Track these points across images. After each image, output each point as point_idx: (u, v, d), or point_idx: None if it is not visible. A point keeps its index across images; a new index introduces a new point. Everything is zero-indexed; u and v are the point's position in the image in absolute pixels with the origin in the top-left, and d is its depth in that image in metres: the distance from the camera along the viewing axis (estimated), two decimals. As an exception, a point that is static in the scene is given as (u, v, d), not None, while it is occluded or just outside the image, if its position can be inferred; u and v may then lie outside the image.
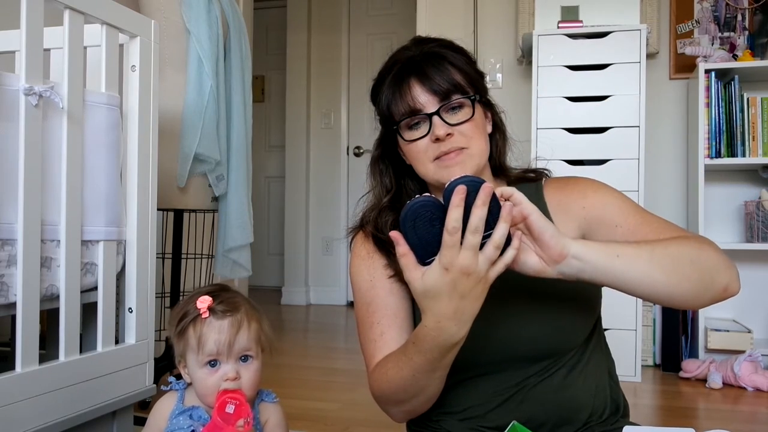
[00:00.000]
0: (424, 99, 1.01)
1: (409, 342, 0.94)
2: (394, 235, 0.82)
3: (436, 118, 1.00)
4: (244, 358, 0.97)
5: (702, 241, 0.93)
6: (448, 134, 1.00)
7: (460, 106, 1.02)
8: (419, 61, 1.02)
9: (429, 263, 0.82)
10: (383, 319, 1.06)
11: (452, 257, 0.79)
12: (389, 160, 1.12)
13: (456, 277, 0.80)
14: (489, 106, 1.10)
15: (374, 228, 1.12)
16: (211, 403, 0.96)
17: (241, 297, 1.01)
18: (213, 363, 0.96)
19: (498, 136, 1.11)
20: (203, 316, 0.96)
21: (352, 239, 1.17)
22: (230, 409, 0.92)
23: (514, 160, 1.16)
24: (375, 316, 1.07)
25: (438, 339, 0.86)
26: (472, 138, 1.01)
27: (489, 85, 1.12)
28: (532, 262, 0.86)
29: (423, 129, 1.02)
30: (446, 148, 1.01)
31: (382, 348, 1.04)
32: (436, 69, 1.01)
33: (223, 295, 0.99)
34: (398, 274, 1.07)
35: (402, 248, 0.82)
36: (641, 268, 0.87)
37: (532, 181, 1.12)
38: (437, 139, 1.00)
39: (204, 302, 0.96)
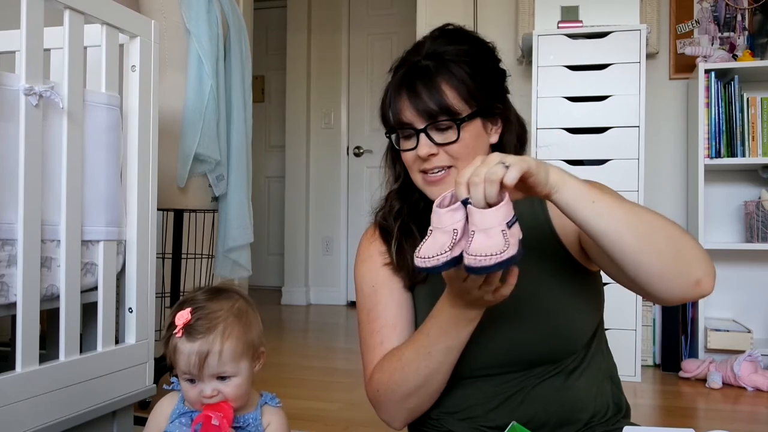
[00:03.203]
0: (410, 116, 1.01)
1: (429, 317, 0.98)
2: None
3: (422, 136, 1.01)
4: (222, 377, 0.95)
5: (685, 230, 0.90)
6: (432, 154, 1.00)
7: (448, 128, 1.01)
8: (417, 71, 1.01)
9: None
10: (383, 329, 1.07)
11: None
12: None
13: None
14: (497, 115, 1.06)
15: (381, 216, 1.14)
16: (198, 409, 0.97)
17: (228, 307, 0.97)
18: (191, 380, 0.96)
19: (506, 143, 1.08)
20: (177, 335, 0.94)
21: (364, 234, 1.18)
22: (215, 422, 0.92)
23: None
24: (375, 323, 1.08)
25: (454, 310, 0.92)
26: (458, 158, 1.01)
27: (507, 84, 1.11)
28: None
29: (412, 141, 1.03)
30: (429, 166, 1.02)
31: (382, 356, 1.05)
32: (426, 88, 1.00)
33: (208, 307, 0.96)
34: (394, 263, 1.08)
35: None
36: (612, 220, 0.84)
37: None
38: (420, 156, 1.01)
39: (181, 318, 0.94)
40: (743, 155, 2.78)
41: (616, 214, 0.84)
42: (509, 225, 0.80)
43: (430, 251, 0.81)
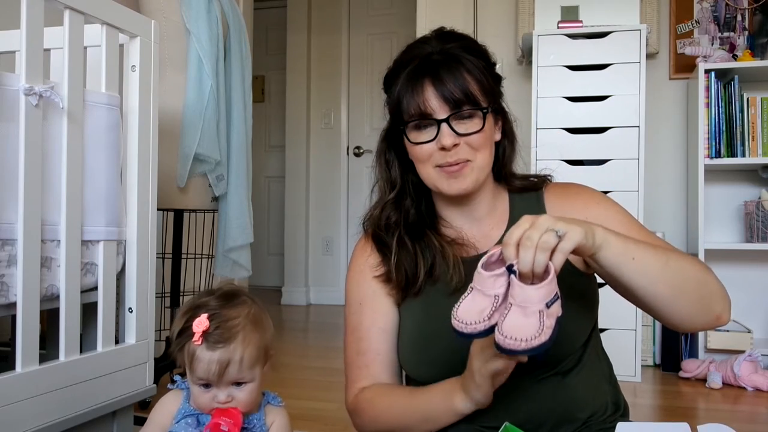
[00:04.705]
0: (435, 104, 0.99)
1: (420, 392, 1.00)
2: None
3: (444, 126, 0.99)
4: (237, 384, 0.96)
5: (705, 266, 0.96)
6: (455, 144, 1.00)
7: (471, 116, 1.00)
8: (436, 62, 1.01)
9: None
10: (367, 353, 1.08)
11: None
12: (395, 152, 1.12)
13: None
14: (500, 113, 1.08)
15: (376, 227, 1.12)
16: (206, 412, 0.97)
17: (245, 314, 0.97)
18: (205, 385, 0.96)
19: (506, 143, 1.10)
20: (195, 342, 0.93)
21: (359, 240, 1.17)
22: (225, 428, 0.92)
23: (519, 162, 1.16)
24: (360, 344, 1.09)
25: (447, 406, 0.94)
26: (478, 150, 1.01)
27: (502, 89, 1.11)
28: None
29: (430, 133, 1.01)
30: (452, 159, 1.00)
31: (367, 378, 1.07)
32: (451, 75, 0.99)
33: (224, 314, 0.95)
34: (387, 275, 1.08)
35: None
36: (650, 276, 0.88)
37: (533, 189, 1.12)
38: (443, 148, 1.00)
39: (200, 326, 0.93)
40: (743, 155, 2.78)
41: (653, 267, 0.88)
42: (549, 305, 0.78)
43: (470, 316, 0.80)
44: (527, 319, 0.77)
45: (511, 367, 0.87)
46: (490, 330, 0.79)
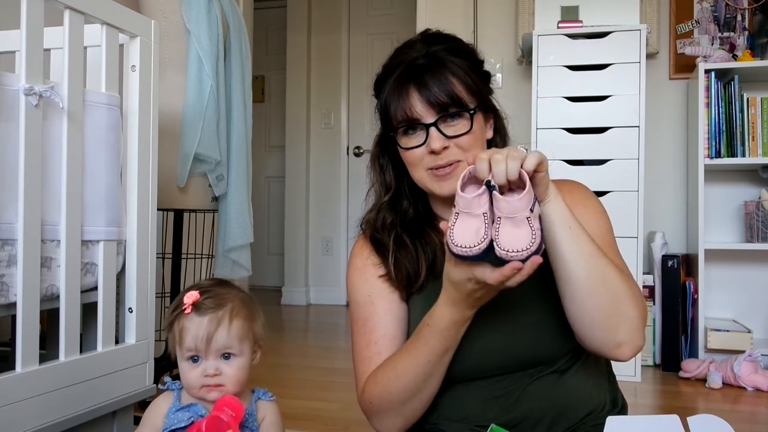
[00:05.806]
0: (421, 109, 1.01)
1: (423, 326, 0.97)
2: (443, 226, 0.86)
3: (433, 130, 1.00)
4: (227, 356, 0.97)
5: (640, 298, 0.95)
6: (445, 147, 1.00)
7: (459, 118, 1.01)
8: (421, 66, 1.01)
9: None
10: (381, 339, 1.06)
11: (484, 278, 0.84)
12: (389, 156, 1.13)
13: (477, 288, 0.87)
14: (491, 110, 1.09)
15: (373, 229, 1.12)
16: (196, 396, 0.98)
17: (234, 294, 1.00)
18: (194, 358, 0.97)
19: (498, 140, 1.11)
20: (185, 311, 0.95)
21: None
22: (225, 416, 0.92)
23: None
24: (373, 334, 1.07)
25: (455, 312, 0.92)
26: (468, 151, 1.02)
27: (492, 86, 1.11)
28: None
29: (420, 137, 1.02)
30: (443, 162, 1.01)
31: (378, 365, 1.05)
32: (435, 79, 1.00)
33: (215, 290, 0.98)
34: (389, 274, 1.08)
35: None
36: (576, 253, 0.90)
37: None
38: (433, 151, 1.00)
39: (190, 297, 0.96)
40: (743, 155, 2.78)
41: (583, 250, 0.90)
42: (532, 209, 0.83)
43: (467, 239, 0.83)
44: (519, 229, 0.82)
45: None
46: (491, 247, 0.82)
